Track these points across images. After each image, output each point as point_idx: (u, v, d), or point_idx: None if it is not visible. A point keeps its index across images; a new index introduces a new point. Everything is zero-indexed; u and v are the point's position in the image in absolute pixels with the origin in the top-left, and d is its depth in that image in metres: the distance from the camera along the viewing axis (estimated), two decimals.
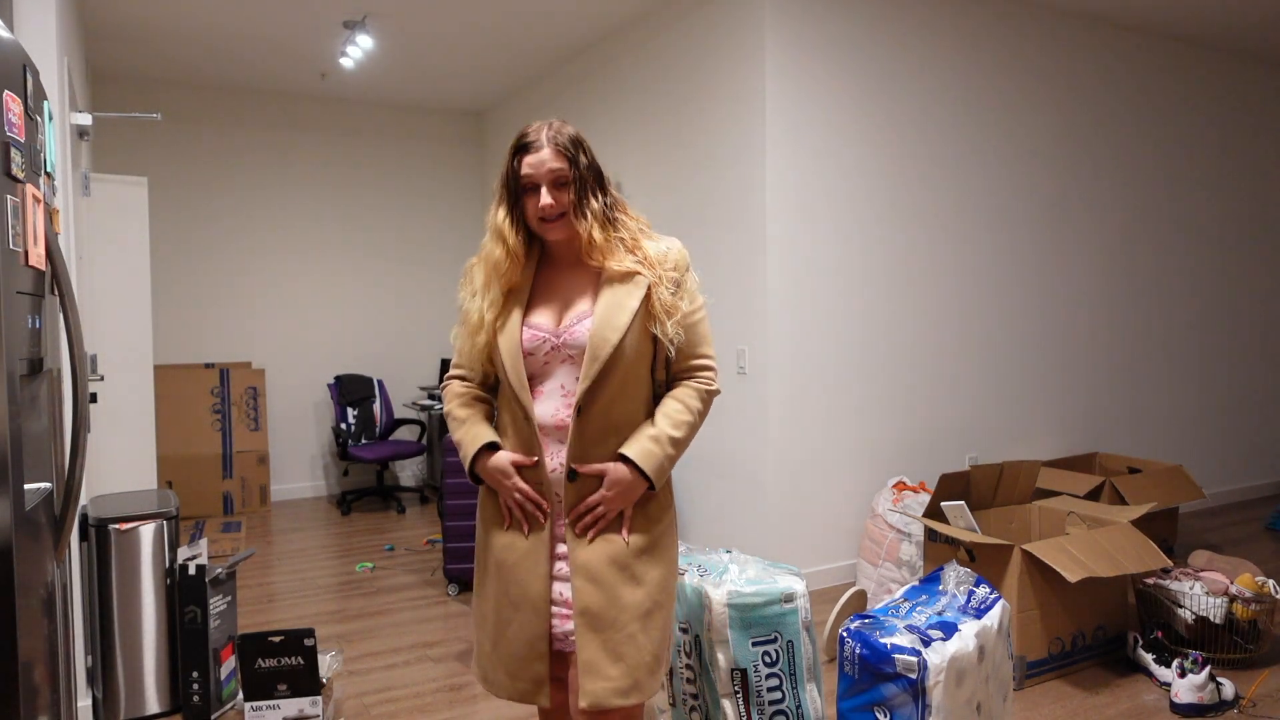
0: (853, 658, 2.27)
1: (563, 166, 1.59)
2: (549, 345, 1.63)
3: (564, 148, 1.59)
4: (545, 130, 1.60)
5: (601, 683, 1.54)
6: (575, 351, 1.61)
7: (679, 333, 1.63)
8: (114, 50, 5.01)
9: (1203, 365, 5.38)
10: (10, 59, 1.48)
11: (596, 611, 1.56)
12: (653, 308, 1.61)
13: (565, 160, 1.59)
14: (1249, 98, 5.50)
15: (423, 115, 6.54)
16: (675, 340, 1.63)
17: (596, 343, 1.58)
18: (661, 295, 1.61)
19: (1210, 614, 2.97)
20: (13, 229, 1.43)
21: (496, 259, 1.65)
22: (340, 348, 6.26)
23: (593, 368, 1.58)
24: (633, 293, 1.61)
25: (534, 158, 1.59)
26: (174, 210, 5.70)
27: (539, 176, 1.59)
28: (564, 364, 1.63)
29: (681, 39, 4.26)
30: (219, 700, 2.79)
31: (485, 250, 1.68)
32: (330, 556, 4.63)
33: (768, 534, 3.84)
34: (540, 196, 1.59)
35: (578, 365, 1.61)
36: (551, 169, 1.58)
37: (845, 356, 4.01)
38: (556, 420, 1.62)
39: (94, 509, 2.77)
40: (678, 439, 1.63)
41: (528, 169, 1.59)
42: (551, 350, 1.63)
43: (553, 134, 1.60)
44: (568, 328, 1.63)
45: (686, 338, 1.65)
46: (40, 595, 1.57)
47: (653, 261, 1.63)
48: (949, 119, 4.27)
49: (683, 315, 1.64)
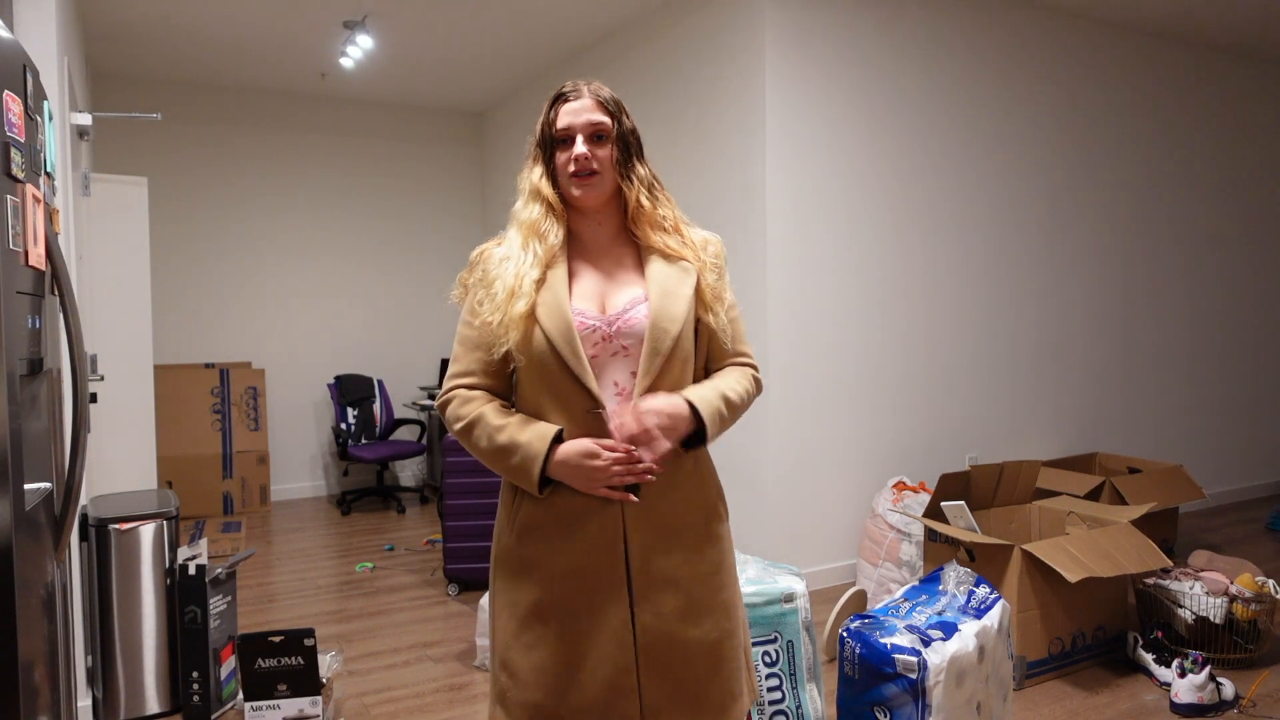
0: (853, 658, 2.27)
1: (604, 120, 1.45)
2: (599, 335, 1.42)
3: (606, 101, 1.47)
4: (585, 84, 1.48)
5: None
6: (630, 342, 1.43)
7: (727, 324, 1.51)
8: (114, 50, 5.01)
9: (1203, 365, 5.37)
10: (10, 59, 1.48)
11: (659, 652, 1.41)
12: (702, 294, 1.47)
13: (606, 114, 1.46)
14: (1248, 99, 5.50)
15: (423, 115, 6.54)
16: (725, 331, 1.50)
17: (657, 334, 1.41)
18: (709, 280, 1.49)
19: (1210, 614, 2.97)
20: (13, 229, 1.43)
21: (534, 219, 1.46)
22: (340, 348, 6.26)
23: (654, 362, 1.41)
24: (684, 280, 1.47)
25: (573, 105, 1.45)
26: (174, 210, 5.70)
27: (576, 127, 1.44)
28: (615, 357, 1.43)
29: (681, 40, 4.26)
30: (219, 700, 2.79)
31: (519, 215, 1.49)
32: (330, 556, 4.63)
33: (768, 534, 3.84)
34: (574, 147, 1.44)
35: (632, 358, 1.43)
36: (590, 120, 1.44)
37: (845, 356, 4.01)
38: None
39: (94, 509, 2.77)
40: (733, 404, 1.46)
41: (564, 118, 1.45)
42: (602, 341, 1.43)
43: (594, 88, 1.47)
44: (619, 315, 1.44)
45: (730, 332, 1.53)
46: (40, 595, 1.57)
47: (695, 245, 1.51)
48: (949, 119, 4.27)
49: (727, 306, 1.52)
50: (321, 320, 6.20)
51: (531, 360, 1.41)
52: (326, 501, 6.02)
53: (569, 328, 1.39)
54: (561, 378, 1.40)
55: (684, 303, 1.45)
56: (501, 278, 1.43)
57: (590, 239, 1.51)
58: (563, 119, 1.45)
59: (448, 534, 3.86)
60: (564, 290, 1.43)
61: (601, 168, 1.44)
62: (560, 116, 1.46)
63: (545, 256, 1.44)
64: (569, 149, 1.45)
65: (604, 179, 1.45)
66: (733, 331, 1.53)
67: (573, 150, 1.44)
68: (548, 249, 1.45)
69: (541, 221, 1.46)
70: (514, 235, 1.48)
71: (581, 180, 1.44)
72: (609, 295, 1.47)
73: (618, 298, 1.46)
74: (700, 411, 1.40)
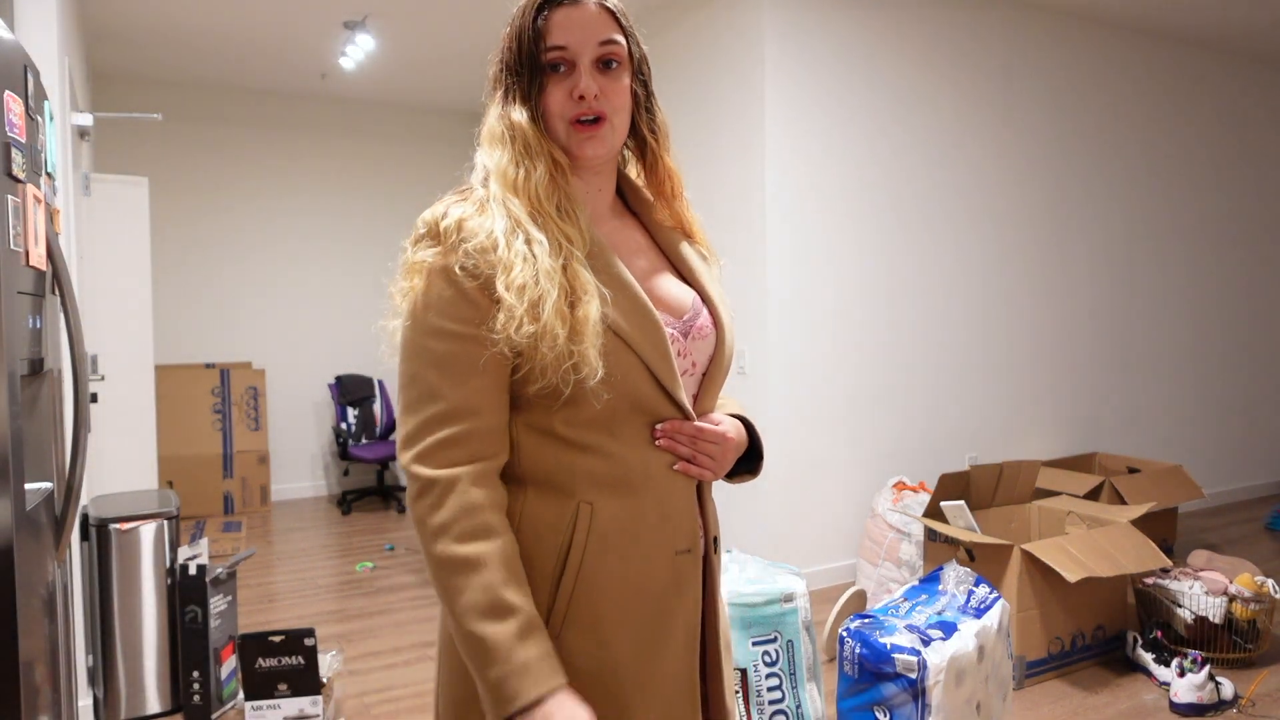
0: (853, 657, 2.27)
1: (617, 39, 1.01)
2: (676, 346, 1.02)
3: (616, 11, 1.03)
4: None
5: None
6: (700, 357, 1.05)
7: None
8: (114, 50, 5.01)
9: (1202, 365, 5.37)
10: (11, 59, 1.48)
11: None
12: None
13: (620, 30, 1.02)
14: (1247, 98, 5.50)
15: (423, 115, 6.54)
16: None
17: (728, 350, 1.07)
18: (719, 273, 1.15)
19: (1210, 614, 2.97)
20: (13, 229, 1.43)
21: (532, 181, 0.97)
22: (340, 348, 6.26)
23: (719, 380, 1.07)
24: (715, 274, 1.13)
25: (570, 13, 0.98)
26: (174, 210, 5.70)
27: (576, 47, 0.98)
28: (684, 376, 1.04)
29: (681, 40, 4.26)
30: (219, 700, 2.79)
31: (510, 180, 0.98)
32: (330, 556, 4.63)
33: (768, 534, 3.84)
34: (578, 78, 0.98)
35: (693, 378, 1.05)
36: (601, 38, 0.99)
37: (845, 356, 4.01)
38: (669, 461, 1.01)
39: (94, 509, 2.77)
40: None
41: (560, 31, 0.98)
42: (675, 356, 1.01)
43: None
44: (691, 319, 1.05)
45: None
46: (41, 595, 1.57)
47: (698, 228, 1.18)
48: (949, 120, 4.27)
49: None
50: (322, 320, 6.20)
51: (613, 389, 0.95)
52: (327, 501, 6.02)
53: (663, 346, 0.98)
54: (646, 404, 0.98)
55: (728, 306, 1.10)
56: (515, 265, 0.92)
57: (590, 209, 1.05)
58: (557, 32, 0.98)
59: None
60: (634, 281, 0.99)
61: (613, 109, 1.00)
62: (552, 29, 0.99)
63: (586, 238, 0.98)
64: (566, 79, 0.99)
65: (616, 125, 1.01)
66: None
67: (575, 81, 0.99)
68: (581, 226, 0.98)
69: (544, 178, 0.98)
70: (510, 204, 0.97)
71: (587, 129, 1.00)
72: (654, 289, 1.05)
73: (666, 293, 1.05)
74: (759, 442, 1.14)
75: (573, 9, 0.99)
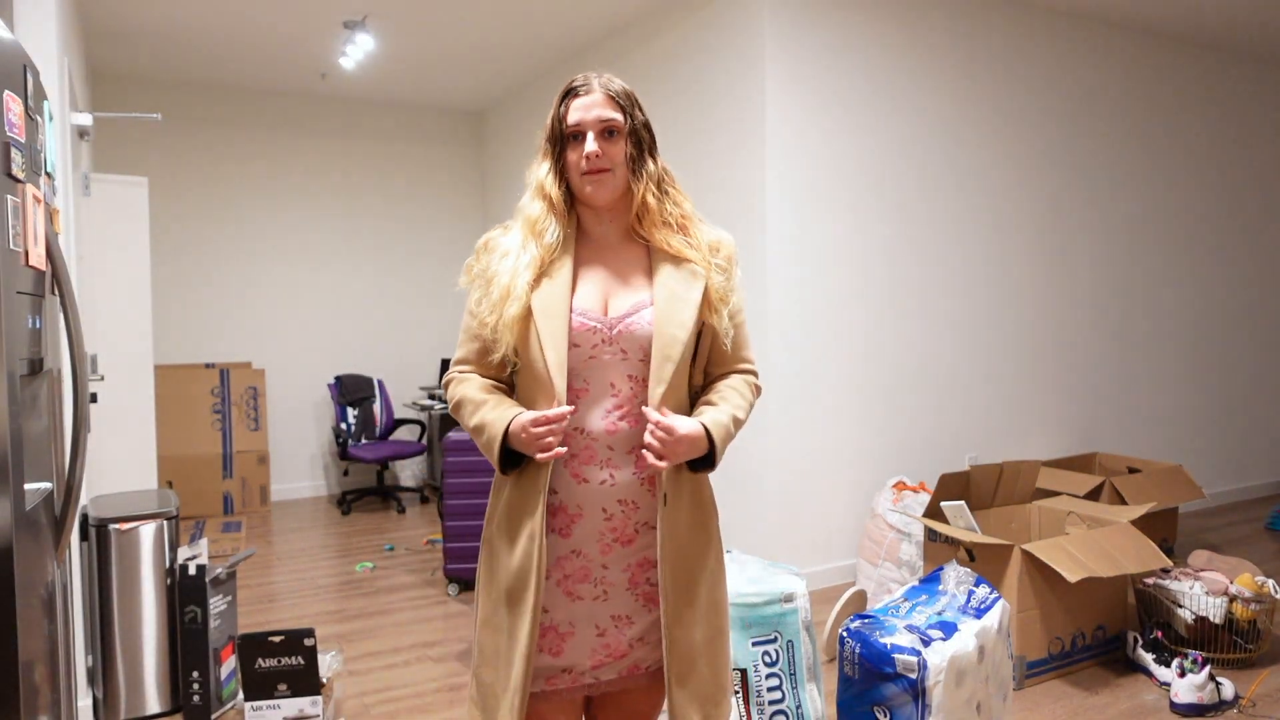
0: (853, 658, 2.27)
1: (615, 115, 1.43)
2: (599, 337, 1.42)
3: (617, 95, 1.44)
4: (596, 78, 1.45)
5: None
6: (629, 346, 1.42)
7: (730, 327, 1.48)
8: (114, 50, 5.01)
9: (1202, 365, 5.37)
10: (10, 59, 1.48)
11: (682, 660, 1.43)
12: (709, 296, 1.44)
13: (617, 109, 1.43)
14: (1246, 99, 5.50)
15: (423, 115, 6.54)
16: (729, 335, 1.48)
17: (666, 340, 1.40)
18: (715, 281, 1.45)
19: (1210, 614, 2.97)
20: (13, 229, 1.43)
21: (537, 215, 1.45)
22: (340, 348, 6.26)
23: (666, 369, 1.40)
24: (692, 285, 1.44)
25: (583, 101, 1.43)
26: (174, 210, 5.70)
27: (587, 123, 1.42)
28: (613, 360, 1.42)
29: (682, 39, 4.26)
30: (219, 700, 2.79)
31: (523, 211, 1.48)
32: (330, 556, 4.63)
33: (768, 534, 3.84)
34: (585, 143, 1.42)
35: (629, 363, 1.42)
36: (601, 116, 1.42)
37: (845, 356, 4.01)
38: (608, 426, 1.41)
39: (94, 509, 2.77)
40: (739, 420, 1.47)
41: (575, 114, 1.42)
42: (601, 344, 1.42)
43: (605, 81, 1.45)
44: (621, 318, 1.43)
45: (734, 337, 1.51)
46: (40, 595, 1.57)
47: (702, 247, 1.47)
48: (949, 120, 4.27)
49: (732, 309, 1.48)
50: (321, 320, 6.20)
51: (525, 362, 1.44)
52: (326, 501, 6.02)
53: (559, 340, 1.39)
54: (542, 381, 1.41)
55: (691, 308, 1.43)
56: (499, 275, 1.44)
57: (600, 237, 1.50)
58: (573, 114, 1.43)
59: (448, 534, 3.86)
60: (566, 293, 1.42)
61: (613, 164, 1.43)
62: (571, 112, 1.43)
63: (542, 255, 1.44)
64: (580, 145, 1.43)
65: (616, 176, 1.44)
66: (738, 336, 1.52)
67: (584, 147, 1.42)
68: (545, 248, 1.44)
69: (541, 220, 1.45)
70: (517, 230, 1.48)
71: (593, 179, 1.43)
72: (613, 296, 1.46)
73: (622, 300, 1.45)
74: (715, 442, 1.40)
75: (585, 97, 1.43)
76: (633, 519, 1.43)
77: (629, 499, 1.43)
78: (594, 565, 1.44)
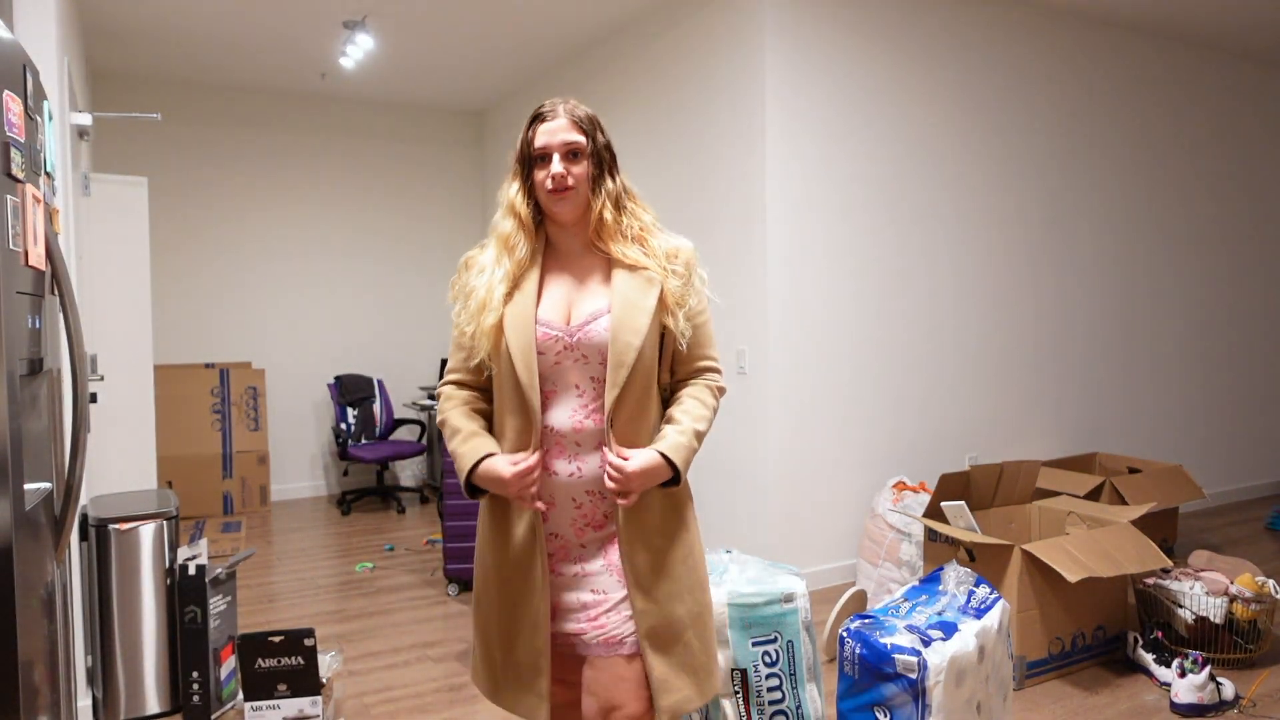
0: (853, 658, 2.27)
1: (578, 139, 1.55)
2: (560, 344, 1.55)
3: (580, 120, 1.57)
4: (562, 104, 1.58)
5: (676, 695, 1.55)
6: (589, 351, 1.54)
7: (688, 328, 1.59)
8: (114, 50, 5.01)
9: (1202, 365, 5.38)
10: (10, 59, 1.48)
11: (660, 632, 1.55)
12: (665, 301, 1.56)
13: (580, 133, 1.56)
14: (1247, 99, 5.50)
15: (423, 115, 6.54)
16: (685, 335, 1.58)
17: (620, 348, 1.51)
18: (671, 286, 1.57)
19: (1210, 614, 2.97)
20: (13, 229, 1.43)
21: (508, 232, 1.59)
22: (340, 348, 6.26)
23: (620, 374, 1.51)
24: (647, 291, 1.55)
25: (548, 125, 1.56)
26: (174, 210, 5.70)
27: (552, 146, 1.54)
28: (576, 364, 1.55)
29: (682, 39, 4.26)
30: (219, 700, 2.79)
31: (497, 228, 1.62)
32: (330, 556, 4.63)
33: (768, 534, 3.84)
34: (551, 165, 1.54)
35: (590, 366, 1.54)
36: (565, 140, 1.54)
37: (845, 356, 4.01)
38: (574, 424, 1.54)
39: (94, 509, 2.77)
40: (701, 433, 1.59)
41: (541, 137, 1.55)
42: (563, 350, 1.54)
43: (570, 107, 1.58)
44: (580, 326, 1.55)
45: (694, 337, 1.61)
46: (40, 595, 1.57)
47: (659, 255, 1.58)
48: (949, 120, 4.27)
49: (690, 311, 1.60)
50: (321, 320, 6.20)
51: (499, 370, 1.57)
52: (326, 501, 6.02)
53: (529, 349, 1.52)
54: (516, 388, 1.54)
55: (646, 314, 1.54)
56: (476, 289, 1.58)
57: (565, 249, 1.63)
58: (539, 138, 1.56)
59: (448, 534, 3.86)
60: (531, 310, 1.55)
61: (576, 183, 1.55)
62: (538, 136, 1.56)
63: (514, 269, 1.57)
64: (546, 166, 1.55)
65: (579, 194, 1.56)
66: (698, 337, 1.63)
67: (550, 168, 1.54)
68: (516, 263, 1.58)
69: (511, 235, 1.58)
70: (491, 246, 1.61)
71: (557, 197, 1.55)
72: (575, 305, 1.58)
73: (582, 308, 1.57)
74: (677, 466, 1.53)
75: (551, 122, 1.56)
76: (600, 507, 1.58)
77: (596, 490, 1.56)
78: (572, 546, 1.59)
